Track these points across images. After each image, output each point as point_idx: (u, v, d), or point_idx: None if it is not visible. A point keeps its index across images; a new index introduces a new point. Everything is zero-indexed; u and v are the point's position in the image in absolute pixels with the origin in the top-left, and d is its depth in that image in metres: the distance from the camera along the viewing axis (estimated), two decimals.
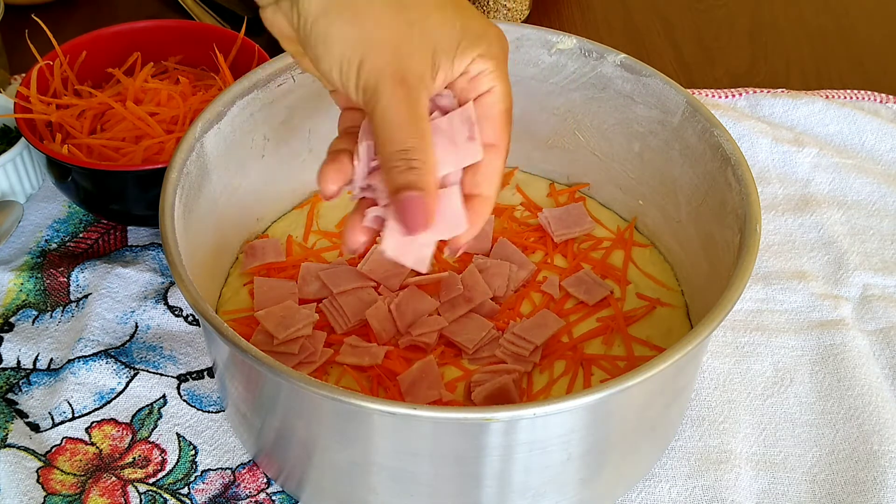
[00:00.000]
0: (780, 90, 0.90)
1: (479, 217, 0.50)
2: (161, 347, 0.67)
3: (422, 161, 0.47)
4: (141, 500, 0.60)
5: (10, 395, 0.64)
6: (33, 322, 0.69)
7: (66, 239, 0.75)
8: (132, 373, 0.66)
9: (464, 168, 0.50)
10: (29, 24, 0.82)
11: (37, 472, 0.60)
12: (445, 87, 0.50)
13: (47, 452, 0.62)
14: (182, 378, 0.66)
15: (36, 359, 0.67)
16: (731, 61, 0.97)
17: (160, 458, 0.62)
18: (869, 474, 0.62)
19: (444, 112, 0.50)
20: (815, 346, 0.69)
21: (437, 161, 0.48)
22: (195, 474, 0.61)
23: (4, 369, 0.66)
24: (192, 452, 0.62)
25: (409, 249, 0.51)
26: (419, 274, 0.67)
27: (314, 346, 0.63)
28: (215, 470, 0.61)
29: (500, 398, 0.61)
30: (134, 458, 0.61)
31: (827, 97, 0.89)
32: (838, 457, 0.63)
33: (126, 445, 0.62)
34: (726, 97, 0.89)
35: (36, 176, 0.78)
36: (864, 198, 0.81)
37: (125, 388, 0.65)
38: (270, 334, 0.63)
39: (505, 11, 0.97)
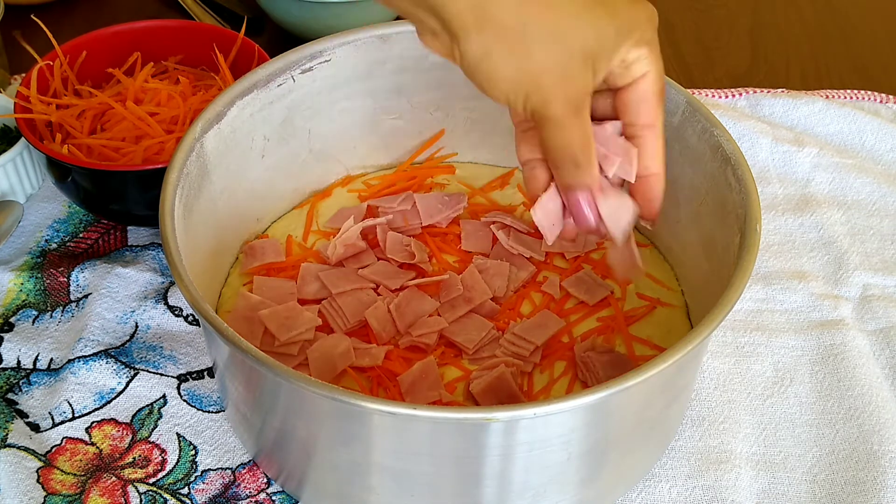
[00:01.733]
0: (780, 90, 0.90)
1: (656, 193, 0.55)
2: (161, 347, 0.67)
3: (587, 161, 0.52)
4: (141, 500, 0.60)
5: (10, 395, 0.64)
6: (33, 322, 0.69)
7: (66, 239, 0.75)
8: (132, 373, 0.66)
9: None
10: (29, 24, 0.82)
11: (37, 472, 0.61)
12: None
13: (47, 452, 0.62)
14: (182, 378, 0.66)
15: (36, 359, 0.67)
16: (731, 61, 0.97)
17: (160, 458, 0.62)
18: (869, 474, 0.62)
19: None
20: (815, 346, 0.69)
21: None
22: (195, 474, 0.61)
23: (4, 369, 0.66)
24: (193, 452, 0.62)
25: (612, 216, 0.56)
26: (419, 275, 0.68)
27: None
28: (215, 470, 0.61)
29: (498, 389, 0.61)
30: (134, 458, 0.61)
31: (827, 97, 0.89)
32: (838, 457, 0.63)
33: (126, 445, 0.62)
34: (726, 97, 0.89)
35: (36, 176, 0.78)
36: (864, 198, 0.81)
37: (125, 388, 0.65)
38: (271, 333, 0.63)
39: None
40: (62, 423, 0.63)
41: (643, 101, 0.53)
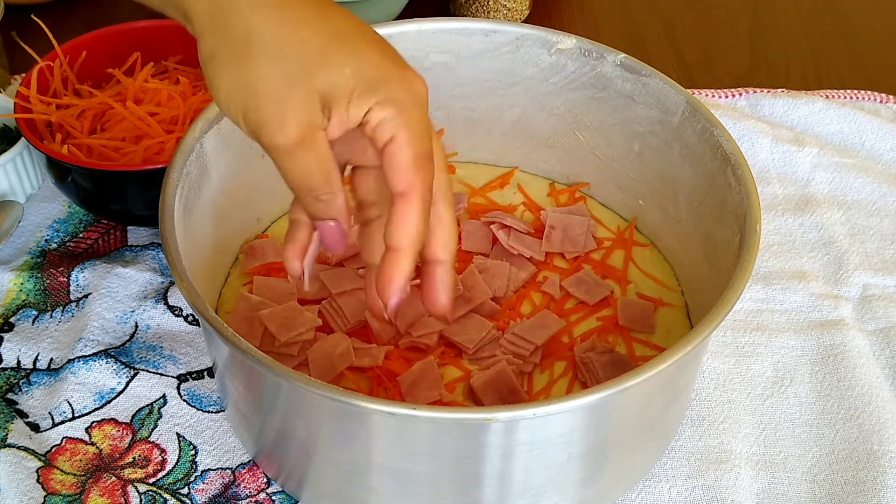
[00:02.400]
0: (780, 90, 0.90)
1: (397, 270, 0.49)
2: (161, 347, 0.67)
3: (328, 193, 0.49)
4: (141, 500, 0.60)
5: (10, 395, 0.64)
6: (33, 322, 0.69)
7: (66, 239, 0.75)
8: (132, 373, 0.66)
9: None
10: (29, 24, 0.82)
11: (37, 471, 0.60)
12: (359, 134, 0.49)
13: (47, 452, 0.62)
14: (182, 378, 0.66)
15: (36, 359, 0.67)
16: (731, 61, 0.97)
17: (160, 458, 0.62)
18: (869, 474, 0.62)
19: None
20: (815, 346, 0.69)
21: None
22: (195, 474, 0.61)
23: (4, 369, 0.66)
24: (192, 452, 0.62)
25: None
26: (419, 276, 0.68)
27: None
28: (215, 470, 0.61)
29: (499, 384, 0.61)
30: (134, 458, 0.61)
31: (827, 97, 0.89)
32: (838, 457, 0.63)
33: (126, 445, 0.62)
34: (726, 97, 0.89)
35: (36, 176, 0.78)
36: (864, 198, 0.81)
37: (125, 387, 0.65)
38: (271, 333, 0.63)
39: (505, 11, 0.97)
40: (62, 423, 0.63)
41: (392, 167, 0.48)
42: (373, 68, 0.47)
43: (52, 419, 0.63)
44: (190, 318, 0.69)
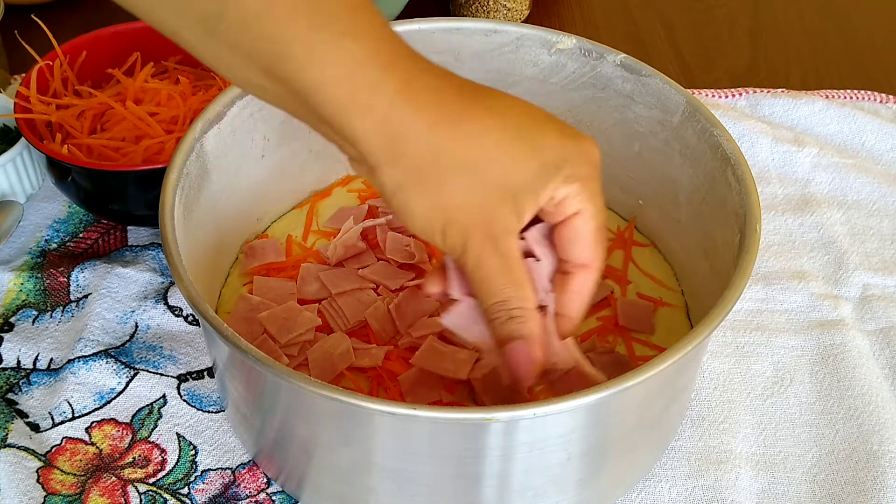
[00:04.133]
0: (780, 90, 0.90)
1: (561, 332, 0.51)
2: (161, 347, 0.67)
3: (521, 309, 0.48)
4: (141, 500, 0.60)
5: (10, 395, 0.64)
6: (33, 322, 0.69)
7: (66, 239, 0.75)
8: (132, 373, 0.66)
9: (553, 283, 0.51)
10: (29, 24, 0.82)
11: (37, 472, 0.61)
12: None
13: (47, 452, 0.62)
14: (182, 378, 0.66)
15: (36, 359, 0.67)
16: (731, 61, 0.97)
17: (160, 458, 0.62)
18: (869, 474, 0.62)
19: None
20: (815, 346, 0.69)
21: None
22: (195, 474, 0.61)
23: (4, 369, 0.66)
24: (192, 452, 0.62)
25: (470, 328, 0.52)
26: (418, 275, 0.68)
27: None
28: (215, 470, 0.61)
29: (499, 383, 0.61)
30: (134, 458, 0.61)
31: (827, 97, 0.89)
32: (838, 457, 0.63)
33: (126, 445, 0.62)
34: (726, 97, 0.89)
35: (36, 176, 0.78)
36: (864, 198, 0.81)
37: (125, 387, 0.65)
38: (271, 334, 0.63)
39: (505, 11, 0.97)
40: (62, 423, 0.63)
41: (576, 239, 0.49)
42: (554, 152, 0.47)
43: (52, 419, 0.63)
44: (190, 318, 0.69)
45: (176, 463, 0.61)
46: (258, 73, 0.45)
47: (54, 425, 0.63)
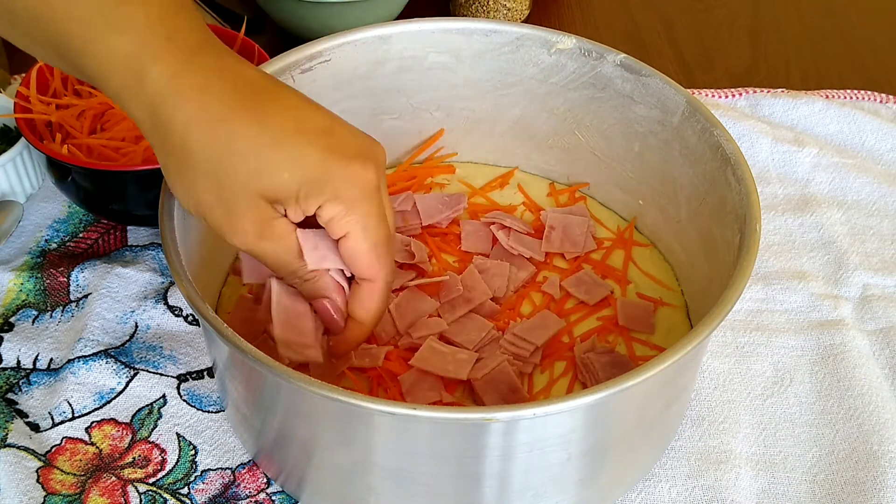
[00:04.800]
0: (780, 90, 0.90)
1: (351, 336, 0.55)
2: (161, 347, 0.67)
3: (311, 272, 0.52)
4: (141, 500, 0.60)
5: (10, 395, 0.64)
6: (33, 322, 0.69)
7: (66, 239, 0.75)
8: (132, 373, 0.66)
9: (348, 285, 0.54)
10: None
11: (37, 471, 0.61)
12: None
13: (47, 452, 0.62)
14: (182, 378, 0.66)
15: (36, 359, 0.67)
16: (731, 61, 0.97)
17: (160, 457, 0.62)
18: (869, 474, 0.62)
19: None
20: (815, 346, 0.69)
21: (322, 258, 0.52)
22: (195, 474, 0.61)
23: (4, 369, 0.66)
24: (192, 452, 0.62)
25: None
26: (419, 275, 0.68)
27: None
28: (215, 470, 0.61)
29: (499, 382, 0.61)
30: (134, 458, 0.61)
31: (827, 97, 0.89)
32: (838, 457, 0.63)
33: (126, 445, 0.62)
34: (726, 97, 0.89)
35: (36, 176, 0.78)
36: (864, 198, 0.81)
37: (125, 387, 0.65)
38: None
39: (505, 11, 0.97)
40: (62, 423, 0.63)
41: (351, 259, 0.51)
42: (314, 169, 0.48)
43: (52, 419, 0.63)
44: (190, 318, 0.69)
45: (176, 463, 0.61)
46: (57, 59, 0.49)
47: (54, 425, 0.63)
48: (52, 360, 0.67)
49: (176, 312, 0.69)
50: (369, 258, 0.51)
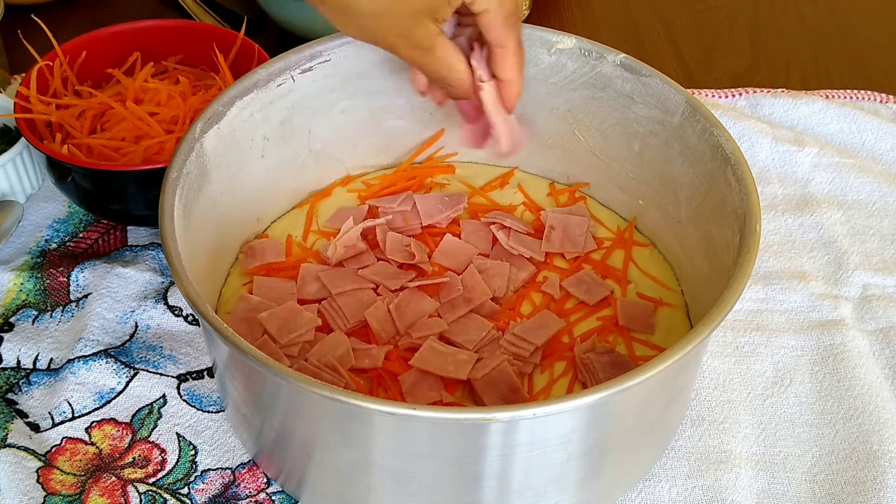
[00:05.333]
0: (780, 90, 0.90)
1: (510, 95, 0.64)
2: (161, 347, 0.67)
3: (457, 80, 0.62)
4: (141, 500, 0.60)
5: (10, 395, 0.64)
6: (33, 322, 0.69)
7: (66, 239, 0.75)
8: (132, 373, 0.66)
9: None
10: (29, 24, 0.82)
11: (37, 472, 0.61)
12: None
13: (47, 452, 0.62)
14: (182, 378, 0.66)
15: (36, 359, 0.67)
16: (731, 61, 0.97)
17: (160, 457, 0.62)
18: (869, 474, 0.62)
19: None
20: (815, 346, 0.69)
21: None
22: (195, 474, 0.61)
23: (4, 369, 0.66)
24: (192, 452, 0.62)
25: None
26: (419, 275, 0.68)
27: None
28: (215, 470, 0.61)
29: (499, 382, 0.61)
30: (134, 458, 0.62)
31: (827, 97, 0.89)
32: (838, 457, 0.63)
33: (126, 445, 0.62)
34: (726, 97, 0.89)
35: (36, 176, 0.78)
36: (864, 198, 0.81)
37: (125, 387, 0.65)
38: (271, 334, 0.63)
39: None
40: (62, 423, 0.63)
41: (488, 29, 0.60)
42: None
43: (52, 419, 0.63)
44: (190, 318, 0.69)
45: (176, 463, 0.61)
46: None
47: (54, 425, 0.63)
48: (52, 360, 0.67)
49: (176, 312, 0.69)
50: (503, 25, 0.60)
